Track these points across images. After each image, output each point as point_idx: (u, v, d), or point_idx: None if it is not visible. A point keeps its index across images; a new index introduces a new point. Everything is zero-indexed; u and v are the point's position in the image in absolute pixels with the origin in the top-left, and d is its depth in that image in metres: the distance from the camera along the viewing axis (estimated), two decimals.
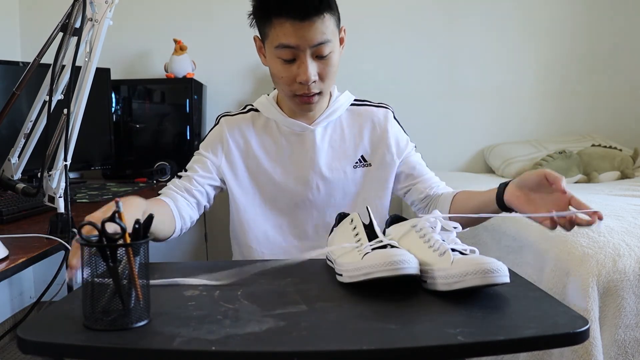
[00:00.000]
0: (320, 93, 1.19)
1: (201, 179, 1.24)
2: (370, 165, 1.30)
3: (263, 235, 1.28)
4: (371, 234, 0.91)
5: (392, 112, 1.36)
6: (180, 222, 1.17)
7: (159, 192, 1.23)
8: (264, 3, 1.13)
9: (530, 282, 0.89)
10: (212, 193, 1.27)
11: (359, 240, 0.89)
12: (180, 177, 1.26)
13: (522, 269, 1.44)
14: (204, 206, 1.27)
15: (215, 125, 1.31)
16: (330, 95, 1.30)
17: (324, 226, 1.26)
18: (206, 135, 1.31)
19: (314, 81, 1.15)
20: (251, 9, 1.17)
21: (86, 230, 0.70)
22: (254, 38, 1.22)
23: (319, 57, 1.14)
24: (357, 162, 1.29)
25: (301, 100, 1.19)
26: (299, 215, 1.28)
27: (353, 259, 0.84)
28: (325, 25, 1.12)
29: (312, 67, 1.13)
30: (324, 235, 1.11)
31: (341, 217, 1.03)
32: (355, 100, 1.34)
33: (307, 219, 1.28)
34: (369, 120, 1.32)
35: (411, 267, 0.79)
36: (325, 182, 1.27)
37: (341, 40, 1.23)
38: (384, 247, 0.85)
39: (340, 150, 1.28)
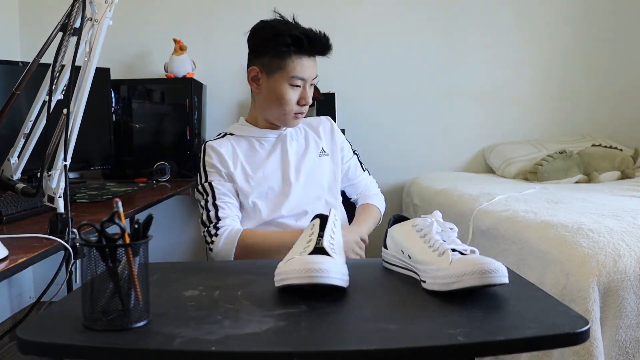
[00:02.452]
0: (303, 112, 1.54)
1: (234, 200, 1.51)
2: (328, 155, 1.63)
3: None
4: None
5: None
6: None
7: (219, 227, 1.45)
8: (296, 42, 1.44)
9: (531, 282, 0.88)
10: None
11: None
12: (220, 205, 1.48)
13: (523, 270, 1.43)
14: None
15: (203, 153, 1.55)
16: None
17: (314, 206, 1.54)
18: (204, 164, 1.53)
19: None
20: (265, 45, 1.47)
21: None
22: (250, 69, 1.51)
23: (311, 85, 1.51)
24: (321, 152, 1.62)
25: (295, 117, 1.52)
26: (289, 201, 1.53)
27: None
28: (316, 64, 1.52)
29: (309, 92, 1.50)
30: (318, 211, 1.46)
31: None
32: None
33: (297, 202, 1.53)
34: (319, 122, 1.68)
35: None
36: (301, 172, 1.56)
37: None
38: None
39: (305, 144, 1.61)
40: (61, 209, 1.12)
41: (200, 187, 1.52)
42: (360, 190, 1.74)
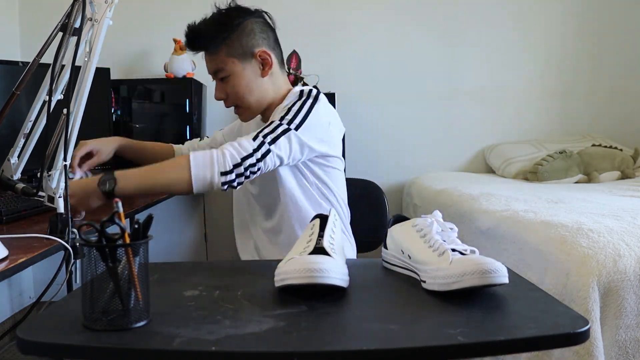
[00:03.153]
0: (238, 107, 1.42)
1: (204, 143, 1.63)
2: None
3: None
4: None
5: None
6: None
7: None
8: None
9: (531, 282, 0.88)
10: None
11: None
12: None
13: (523, 270, 1.43)
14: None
15: None
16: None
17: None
18: None
19: (222, 98, 1.41)
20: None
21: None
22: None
23: (221, 79, 1.40)
24: None
25: (236, 112, 1.45)
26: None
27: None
28: (215, 58, 1.39)
29: (217, 88, 1.41)
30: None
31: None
32: None
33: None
34: None
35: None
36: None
37: (263, 64, 1.40)
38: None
39: None
40: (61, 209, 1.12)
41: None
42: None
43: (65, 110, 1.10)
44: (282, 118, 1.31)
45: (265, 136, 1.26)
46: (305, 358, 0.63)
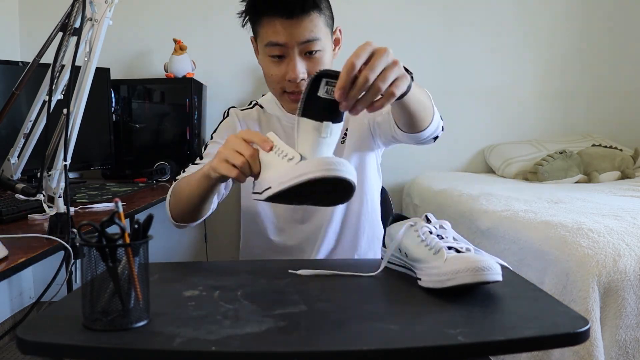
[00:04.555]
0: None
1: None
2: (346, 135, 1.29)
3: (269, 221, 1.32)
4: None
5: None
6: (214, 205, 1.21)
7: (177, 178, 1.21)
8: (254, 3, 1.15)
9: (531, 282, 0.88)
10: (230, 181, 1.22)
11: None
12: (197, 164, 1.22)
13: (523, 271, 1.44)
14: (222, 194, 1.27)
15: (225, 117, 1.34)
16: None
17: (322, 210, 1.28)
18: (218, 127, 1.33)
19: (303, 79, 1.15)
20: (243, 9, 1.19)
21: None
22: (251, 39, 1.24)
23: (308, 54, 1.15)
24: (342, 138, 1.29)
25: (290, 98, 1.19)
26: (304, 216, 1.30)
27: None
28: (313, 24, 1.13)
29: (301, 65, 1.14)
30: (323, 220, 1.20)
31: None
32: None
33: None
34: None
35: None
36: None
37: (336, 42, 1.24)
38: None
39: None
40: (61, 209, 1.12)
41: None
42: None
43: (65, 110, 1.10)
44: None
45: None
46: (305, 358, 0.63)
